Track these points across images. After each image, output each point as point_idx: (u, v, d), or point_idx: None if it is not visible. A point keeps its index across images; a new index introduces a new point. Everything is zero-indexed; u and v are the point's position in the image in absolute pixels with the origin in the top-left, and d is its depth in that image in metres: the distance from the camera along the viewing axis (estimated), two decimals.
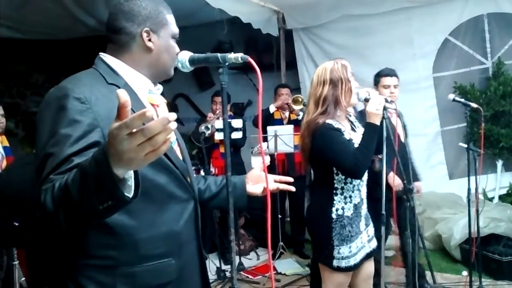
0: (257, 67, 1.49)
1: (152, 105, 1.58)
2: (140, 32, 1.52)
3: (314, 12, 5.63)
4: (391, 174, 3.35)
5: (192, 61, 1.58)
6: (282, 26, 5.95)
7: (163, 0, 1.62)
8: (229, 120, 4.16)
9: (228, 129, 1.57)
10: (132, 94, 1.48)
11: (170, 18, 1.61)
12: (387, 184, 3.18)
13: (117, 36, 1.54)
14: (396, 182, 3.40)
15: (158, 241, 1.46)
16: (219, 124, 4.49)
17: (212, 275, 4.54)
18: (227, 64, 1.52)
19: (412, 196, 2.65)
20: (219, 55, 1.51)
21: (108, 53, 1.56)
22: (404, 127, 3.81)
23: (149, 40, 1.54)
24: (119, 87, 1.45)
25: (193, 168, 5.02)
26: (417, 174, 4.07)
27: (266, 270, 4.63)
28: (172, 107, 8.41)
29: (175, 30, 1.62)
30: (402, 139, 3.72)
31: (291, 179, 1.89)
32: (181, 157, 1.63)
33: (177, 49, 1.63)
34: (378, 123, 2.48)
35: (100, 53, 1.58)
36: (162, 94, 1.70)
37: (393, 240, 3.95)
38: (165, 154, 1.48)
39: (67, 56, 7.39)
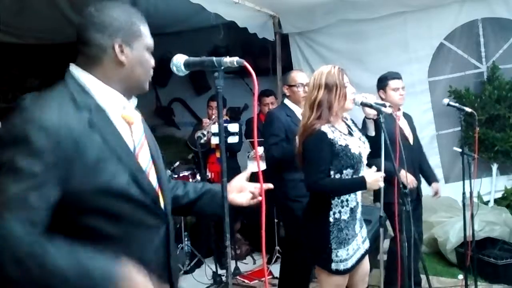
0: (252, 71, 1.50)
1: (127, 122, 1.51)
2: (112, 44, 1.44)
3: (310, 17, 5.64)
4: (403, 171, 3.36)
5: (187, 64, 1.57)
6: (278, 30, 5.96)
7: (136, 11, 1.54)
8: (225, 125, 4.16)
9: (223, 133, 1.57)
10: (103, 115, 1.42)
11: (145, 30, 1.53)
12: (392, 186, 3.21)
13: (87, 48, 1.45)
14: (409, 178, 3.45)
15: None
16: (215, 128, 4.49)
17: (208, 280, 4.54)
18: (222, 68, 1.51)
19: (408, 200, 2.65)
20: (214, 59, 1.51)
21: (79, 66, 1.47)
22: (413, 130, 3.87)
23: (122, 52, 1.46)
24: (90, 110, 1.39)
25: (189, 172, 5.05)
26: (435, 175, 4.14)
27: (262, 274, 4.62)
28: (168, 111, 8.42)
29: (150, 42, 1.55)
30: (411, 142, 3.77)
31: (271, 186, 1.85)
32: (155, 176, 1.57)
33: (152, 62, 1.58)
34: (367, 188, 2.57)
35: (70, 64, 1.50)
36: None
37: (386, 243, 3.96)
38: (136, 181, 1.44)
39: (62, 60, 7.38)
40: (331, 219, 2.57)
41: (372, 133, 2.83)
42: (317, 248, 2.65)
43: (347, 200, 2.60)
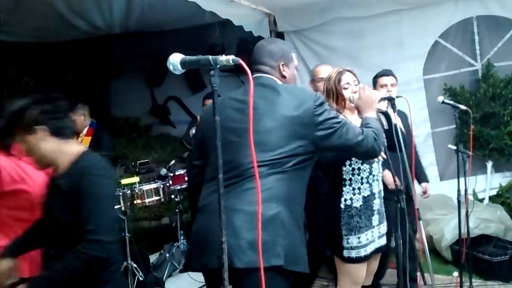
0: (248, 69, 1.51)
1: None
2: (278, 65, 2.26)
3: (305, 15, 5.64)
4: (386, 171, 3.38)
5: (183, 63, 1.58)
6: (273, 28, 5.95)
7: (290, 44, 2.36)
8: None
9: (219, 131, 1.57)
10: None
11: (294, 55, 2.37)
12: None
13: (262, 67, 2.29)
14: (389, 180, 3.46)
15: None
16: None
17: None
18: (218, 66, 1.53)
19: (403, 197, 2.67)
20: (210, 57, 1.52)
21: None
22: (406, 129, 3.87)
23: (284, 70, 2.26)
24: None
25: (185, 171, 5.04)
26: (425, 175, 4.18)
27: None
28: (163, 110, 8.41)
29: (296, 63, 2.37)
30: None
31: None
32: None
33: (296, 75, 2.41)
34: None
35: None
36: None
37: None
38: None
39: (58, 59, 7.36)
40: (342, 206, 2.67)
41: (385, 126, 2.86)
42: (330, 235, 2.75)
43: (359, 188, 2.69)
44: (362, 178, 2.71)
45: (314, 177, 3.50)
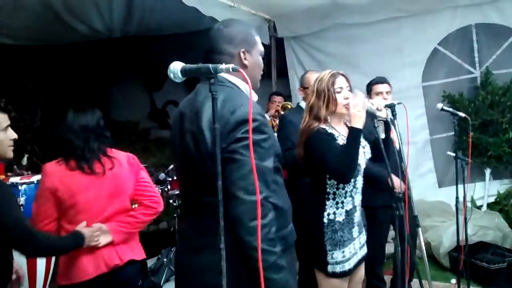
0: (247, 77, 1.52)
1: None
2: (238, 52, 1.86)
3: (305, 21, 5.66)
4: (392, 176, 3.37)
5: (184, 71, 1.59)
6: (273, 34, 5.97)
7: (252, 25, 1.99)
8: None
9: (218, 138, 1.57)
10: None
11: (258, 39, 1.94)
12: (384, 190, 3.23)
13: (221, 56, 1.87)
14: (396, 183, 3.45)
15: None
16: None
17: None
18: (218, 74, 1.53)
19: (401, 205, 2.67)
20: (210, 66, 1.52)
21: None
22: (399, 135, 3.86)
23: (245, 59, 1.86)
24: None
25: None
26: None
27: None
28: (162, 114, 8.41)
29: (262, 48, 1.95)
30: (397, 147, 3.76)
31: None
32: None
33: (262, 64, 1.98)
34: (360, 126, 2.53)
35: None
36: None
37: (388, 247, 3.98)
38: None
39: (57, 62, 7.36)
40: (325, 220, 2.58)
41: (382, 135, 2.84)
42: (313, 250, 2.65)
43: (342, 202, 2.61)
44: (346, 192, 2.63)
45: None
